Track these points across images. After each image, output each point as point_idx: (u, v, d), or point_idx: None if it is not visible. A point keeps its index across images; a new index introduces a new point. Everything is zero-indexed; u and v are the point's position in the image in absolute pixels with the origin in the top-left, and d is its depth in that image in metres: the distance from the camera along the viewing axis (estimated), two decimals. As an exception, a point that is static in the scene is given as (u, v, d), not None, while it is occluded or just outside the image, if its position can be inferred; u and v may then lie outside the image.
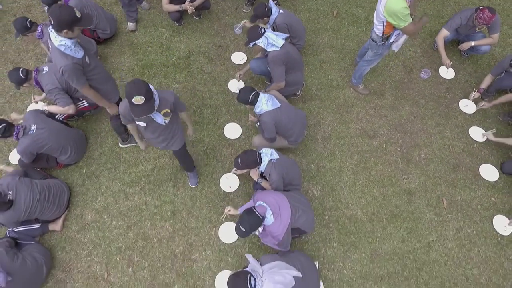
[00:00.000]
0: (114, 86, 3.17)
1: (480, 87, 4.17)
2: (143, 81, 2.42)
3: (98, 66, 2.90)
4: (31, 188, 3.09)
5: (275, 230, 2.83)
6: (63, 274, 3.23)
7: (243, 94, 3.27)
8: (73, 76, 2.66)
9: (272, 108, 3.29)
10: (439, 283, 3.30)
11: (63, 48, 2.61)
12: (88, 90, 2.87)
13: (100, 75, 2.94)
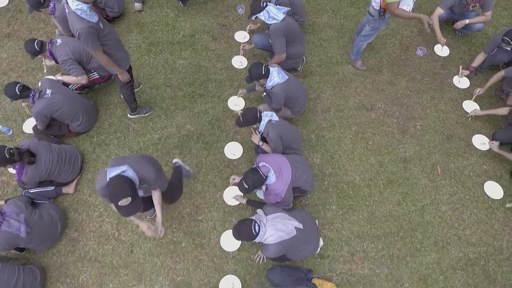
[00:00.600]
0: (125, 54, 3.33)
1: (471, 66, 4.35)
2: (125, 179, 2.34)
3: (111, 32, 3.07)
4: (50, 149, 3.27)
5: (277, 188, 3.00)
6: (76, 233, 3.41)
7: (255, 69, 3.37)
8: (89, 39, 2.82)
9: (283, 81, 3.45)
10: (432, 242, 3.48)
11: (79, 12, 2.77)
12: (102, 55, 3.03)
13: (113, 42, 3.10)
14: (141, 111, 3.96)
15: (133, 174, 2.44)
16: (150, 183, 2.63)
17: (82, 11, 2.77)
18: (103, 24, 2.97)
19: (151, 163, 2.69)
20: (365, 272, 3.32)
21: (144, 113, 3.98)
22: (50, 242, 3.23)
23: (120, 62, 3.26)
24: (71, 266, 3.26)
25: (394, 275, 3.32)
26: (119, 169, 2.40)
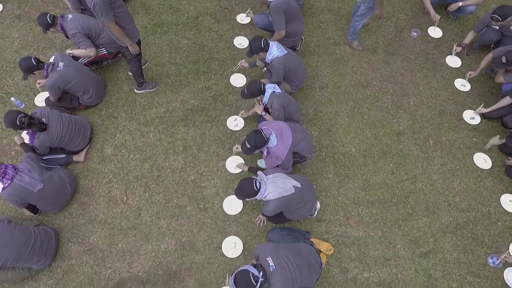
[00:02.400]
0: (135, 27, 3.50)
1: (462, 42, 4.54)
2: None
3: (122, 5, 3.25)
4: (61, 117, 3.47)
5: (278, 150, 3.20)
6: (86, 198, 3.60)
7: (255, 43, 3.56)
8: (103, 9, 3.00)
9: (282, 54, 3.65)
10: (424, 208, 3.68)
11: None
12: (114, 26, 3.20)
13: (124, 14, 3.27)
14: (147, 86, 4.15)
15: None
16: None
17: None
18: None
19: None
20: (359, 235, 3.51)
21: (150, 89, 4.17)
22: (60, 203, 3.41)
23: (131, 34, 3.44)
24: (82, 228, 3.45)
25: (387, 237, 3.51)
26: None
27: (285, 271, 2.62)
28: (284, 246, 2.87)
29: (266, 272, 2.58)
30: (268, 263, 2.62)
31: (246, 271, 2.51)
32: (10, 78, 4.28)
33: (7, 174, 2.98)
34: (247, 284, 2.46)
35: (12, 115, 3.11)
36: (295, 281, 2.67)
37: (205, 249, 3.38)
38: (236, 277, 2.50)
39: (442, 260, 3.41)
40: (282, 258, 2.67)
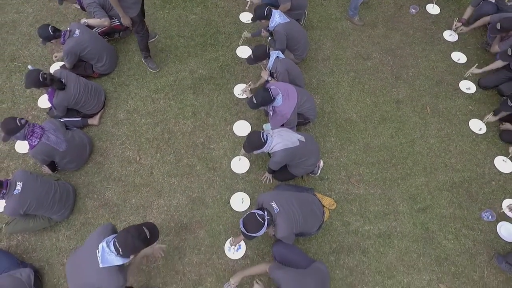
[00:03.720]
0: (135, 3, 3.60)
1: (462, 18, 4.73)
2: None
3: None
4: (78, 80, 3.65)
5: (284, 109, 3.40)
6: (101, 158, 3.79)
7: (259, 10, 3.78)
8: None
9: (285, 21, 3.84)
10: (421, 168, 3.87)
11: None
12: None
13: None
14: (149, 63, 4.28)
15: None
16: None
17: None
18: None
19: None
20: (360, 192, 3.71)
21: (150, 67, 4.29)
22: (80, 162, 3.61)
23: (127, 8, 3.58)
24: (98, 185, 3.64)
25: (387, 195, 3.70)
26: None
27: (289, 213, 2.81)
28: (287, 193, 3.05)
29: (272, 214, 2.76)
30: (273, 206, 2.80)
31: (251, 213, 2.70)
32: (26, 50, 4.47)
33: (35, 133, 3.17)
34: (255, 223, 2.65)
35: (34, 73, 3.30)
36: (298, 224, 2.85)
37: (214, 204, 3.57)
38: (244, 220, 2.69)
39: (438, 215, 3.61)
40: (286, 203, 2.86)
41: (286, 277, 2.60)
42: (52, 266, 3.25)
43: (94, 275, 2.34)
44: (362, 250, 3.40)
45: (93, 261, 2.31)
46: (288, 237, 2.85)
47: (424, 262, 3.37)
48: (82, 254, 2.49)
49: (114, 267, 2.33)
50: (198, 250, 3.36)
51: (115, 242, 2.31)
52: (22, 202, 2.94)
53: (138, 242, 2.30)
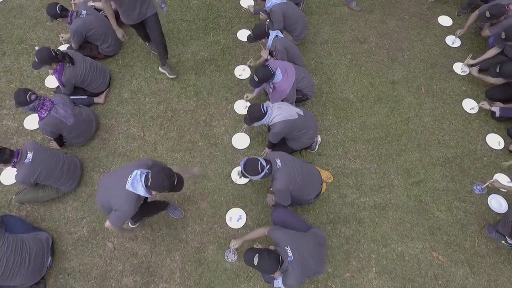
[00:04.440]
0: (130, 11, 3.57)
1: None
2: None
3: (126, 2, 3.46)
4: (84, 59, 3.79)
5: (283, 84, 3.53)
6: (106, 134, 3.93)
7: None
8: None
9: (281, 2, 3.99)
10: (416, 145, 4.01)
11: None
12: (105, 2, 3.50)
13: (124, 4, 3.47)
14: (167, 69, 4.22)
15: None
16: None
17: None
18: None
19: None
20: (357, 167, 3.84)
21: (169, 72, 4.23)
22: (87, 136, 3.75)
23: (124, 16, 3.65)
24: (103, 159, 3.78)
25: (382, 169, 3.84)
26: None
27: (289, 172, 2.94)
28: (292, 158, 3.16)
29: (272, 167, 2.90)
30: (276, 162, 2.94)
31: (256, 159, 2.86)
32: (33, 33, 4.61)
33: (45, 105, 3.31)
34: (253, 168, 2.82)
35: (45, 49, 3.42)
36: (296, 184, 2.97)
37: (216, 178, 3.71)
38: (246, 161, 2.85)
39: (432, 188, 3.74)
40: (289, 162, 3.00)
41: (284, 236, 2.74)
42: (60, 235, 3.39)
43: (116, 193, 2.54)
44: (358, 221, 3.54)
45: (122, 182, 2.50)
46: (282, 193, 2.97)
47: (418, 231, 3.51)
48: (117, 174, 2.68)
49: (135, 194, 2.51)
50: (200, 220, 3.49)
51: (148, 174, 2.48)
52: (33, 170, 3.08)
53: (166, 183, 2.46)
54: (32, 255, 2.92)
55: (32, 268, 2.91)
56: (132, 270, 3.26)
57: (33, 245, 2.98)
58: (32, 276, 2.95)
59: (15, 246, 2.85)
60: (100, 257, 3.31)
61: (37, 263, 2.96)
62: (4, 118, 3.97)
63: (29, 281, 2.97)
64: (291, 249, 2.64)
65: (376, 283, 3.26)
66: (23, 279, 2.89)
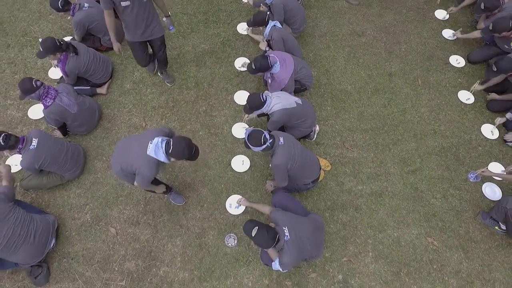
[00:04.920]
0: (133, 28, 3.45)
1: None
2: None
3: (132, 18, 3.31)
4: (87, 49, 3.88)
5: (281, 75, 3.61)
6: (109, 124, 4.01)
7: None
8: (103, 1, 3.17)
9: None
10: (412, 135, 4.09)
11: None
12: (107, 16, 3.29)
13: (128, 20, 3.35)
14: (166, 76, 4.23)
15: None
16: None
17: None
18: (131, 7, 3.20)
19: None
20: (354, 156, 3.92)
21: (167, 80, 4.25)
22: (90, 125, 3.83)
23: (128, 33, 3.53)
24: (106, 148, 3.86)
25: (379, 158, 3.92)
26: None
27: (289, 150, 3.02)
28: (296, 141, 3.24)
29: (275, 143, 2.99)
30: (280, 139, 3.03)
31: (261, 131, 2.96)
32: (36, 26, 4.69)
33: (49, 94, 3.39)
34: (257, 139, 2.93)
35: (50, 39, 3.50)
36: (294, 163, 3.05)
37: (216, 166, 3.79)
38: (251, 132, 2.96)
39: (427, 176, 3.83)
40: (291, 142, 3.10)
41: (283, 217, 2.82)
42: (64, 221, 3.47)
43: (137, 158, 2.66)
44: (355, 207, 3.62)
45: (143, 148, 2.63)
46: (280, 169, 3.03)
47: (413, 218, 3.59)
48: (136, 140, 2.80)
49: (156, 160, 2.63)
50: (201, 207, 3.57)
51: (169, 141, 2.61)
52: (38, 156, 3.16)
53: (186, 151, 2.60)
54: (37, 233, 2.99)
55: (36, 245, 2.97)
56: (134, 255, 3.34)
57: (40, 223, 3.04)
58: (34, 254, 3.00)
59: (23, 220, 2.93)
60: (103, 242, 3.39)
61: (41, 241, 3.02)
62: (8, 108, 4.05)
63: (29, 259, 3.00)
64: (288, 230, 2.72)
65: (372, 267, 3.34)
66: (24, 255, 2.93)
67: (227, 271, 3.28)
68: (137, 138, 2.84)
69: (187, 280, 3.23)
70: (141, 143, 2.68)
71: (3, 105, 4.07)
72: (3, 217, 2.82)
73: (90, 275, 3.24)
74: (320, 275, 3.29)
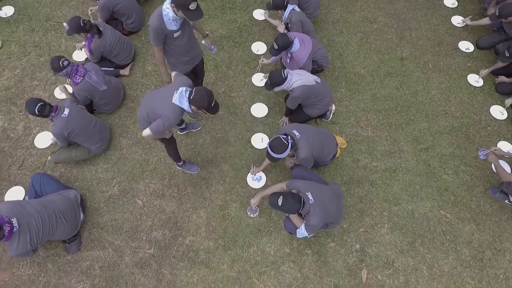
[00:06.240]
0: (181, 62, 3.34)
1: None
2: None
3: (182, 46, 3.17)
4: (114, 31, 4.03)
5: (300, 53, 3.77)
6: (133, 104, 4.16)
7: None
8: (151, 35, 2.97)
9: None
10: (424, 115, 4.25)
11: (164, 13, 2.84)
12: (157, 51, 3.14)
13: (178, 50, 3.20)
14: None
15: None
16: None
17: (167, 15, 2.84)
18: (181, 35, 3.08)
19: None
20: (368, 134, 4.08)
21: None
22: (115, 104, 3.99)
23: (173, 67, 3.35)
24: (131, 126, 4.01)
25: (392, 137, 4.08)
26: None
27: (308, 139, 3.18)
28: (306, 125, 3.42)
29: (294, 138, 3.14)
30: (294, 133, 3.18)
31: (277, 137, 3.08)
32: (59, 11, 4.85)
33: (78, 71, 3.54)
34: (281, 145, 3.03)
35: (75, 18, 3.66)
36: (317, 148, 3.23)
37: (237, 143, 3.95)
38: (271, 143, 3.08)
39: (439, 154, 3.98)
40: (305, 130, 3.25)
41: (305, 184, 2.98)
42: (92, 193, 3.62)
43: (163, 105, 2.75)
44: (370, 182, 3.78)
45: (169, 97, 2.72)
46: (307, 159, 3.22)
47: (426, 192, 3.75)
48: (162, 91, 2.91)
49: (180, 107, 2.73)
50: (223, 181, 3.73)
51: (192, 91, 2.70)
52: (68, 125, 3.31)
53: (205, 100, 2.66)
54: (64, 212, 3.05)
55: (68, 223, 3.06)
56: (161, 225, 3.49)
57: (64, 204, 3.10)
58: (69, 230, 3.12)
59: (43, 206, 2.92)
60: (130, 213, 3.54)
61: (71, 218, 3.12)
62: (35, 88, 4.21)
63: (68, 235, 3.17)
64: (312, 194, 2.88)
65: (388, 238, 3.50)
66: (62, 234, 3.06)
67: (250, 240, 3.44)
68: (162, 90, 2.92)
69: (212, 248, 3.39)
70: (167, 92, 2.76)
71: (30, 86, 4.22)
72: (25, 211, 2.80)
73: (119, 243, 3.39)
74: (338, 244, 3.45)
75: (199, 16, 2.75)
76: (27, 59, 4.41)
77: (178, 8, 2.73)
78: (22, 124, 3.97)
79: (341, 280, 3.30)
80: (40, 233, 2.84)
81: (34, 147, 3.83)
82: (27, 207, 2.82)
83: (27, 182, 3.62)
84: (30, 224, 2.78)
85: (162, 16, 2.85)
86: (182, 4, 2.68)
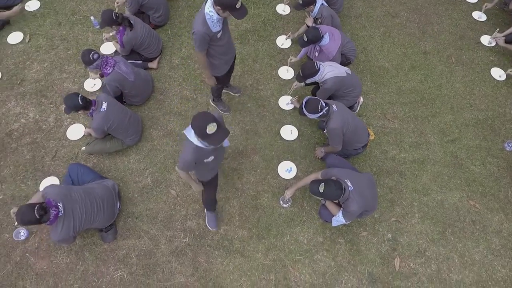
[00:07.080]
0: (223, 63, 3.32)
1: None
2: (204, 111, 2.40)
3: (223, 45, 3.11)
4: (144, 24, 4.07)
5: (330, 46, 3.82)
6: (161, 96, 4.21)
7: None
8: (197, 42, 2.90)
9: None
10: (449, 108, 4.30)
11: (207, 17, 2.77)
12: (202, 56, 3.07)
13: (220, 50, 3.15)
14: (220, 106, 4.09)
15: None
16: None
17: (211, 18, 2.78)
18: (222, 34, 3.00)
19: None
20: (395, 126, 4.13)
21: (221, 109, 4.10)
22: (144, 96, 4.03)
23: (215, 68, 3.32)
24: (161, 118, 4.06)
25: (419, 129, 4.13)
26: None
27: (344, 115, 3.26)
28: (346, 107, 3.48)
29: (330, 110, 3.20)
30: (333, 106, 3.25)
31: (317, 99, 3.18)
32: (84, 5, 4.89)
33: (108, 62, 3.58)
34: (314, 106, 3.15)
35: (108, 12, 3.69)
36: (349, 127, 3.28)
37: (266, 134, 3.99)
38: (308, 100, 3.19)
39: (466, 145, 4.03)
40: (344, 109, 3.34)
41: (342, 172, 3.03)
42: (126, 184, 3.67)
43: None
44: (399, 173, 3.83)
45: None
46: (336, 132, 3.24)
47: (455, 183, 3.80)
48: None
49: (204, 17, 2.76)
50: (254, 172, 3.78)
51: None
52: (107, 119, 3.36)
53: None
54: (104, 200, 3.13)
55: (108, 211, 3.13)
56: (195, 215, 3.54)
57: (103, 192, 3.20)
58: (108, 218, 3.19)
59: (87, 193, 3.01)
60: (164, 203, 3.59)
61: (110, 205, 3.20)
62: (65, 81, 4.25)
63: (106, 224, 3.23)
64: (350, 182, 2.93)
65: (419, 227, 3.55)
66: (102, 222, 3.12)
67: (283, 229, 3.48)
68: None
69: (246, 237, 3.43)
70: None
71: (59, 78, 4.26)
72: (70, 197, 2.87)
73: (154, 232, 3.44)
74: (370, 233, 3.50)
75: (245, 13, 2.75)
76: (55, 52, 4.45)
77: (225, 9, 2.68)
78: (53, 116, 4.01)
79: (374, 268, 3.34)
80: (83, 220, 2.89)
81: (66, 139, 3.87)
82: (72, 193, 2.87)
83: (61, 173, 3.67)
84: (75, 210, 2.83)
85: (206, 21, 2.78)
86: (229, 5, 2.66)
